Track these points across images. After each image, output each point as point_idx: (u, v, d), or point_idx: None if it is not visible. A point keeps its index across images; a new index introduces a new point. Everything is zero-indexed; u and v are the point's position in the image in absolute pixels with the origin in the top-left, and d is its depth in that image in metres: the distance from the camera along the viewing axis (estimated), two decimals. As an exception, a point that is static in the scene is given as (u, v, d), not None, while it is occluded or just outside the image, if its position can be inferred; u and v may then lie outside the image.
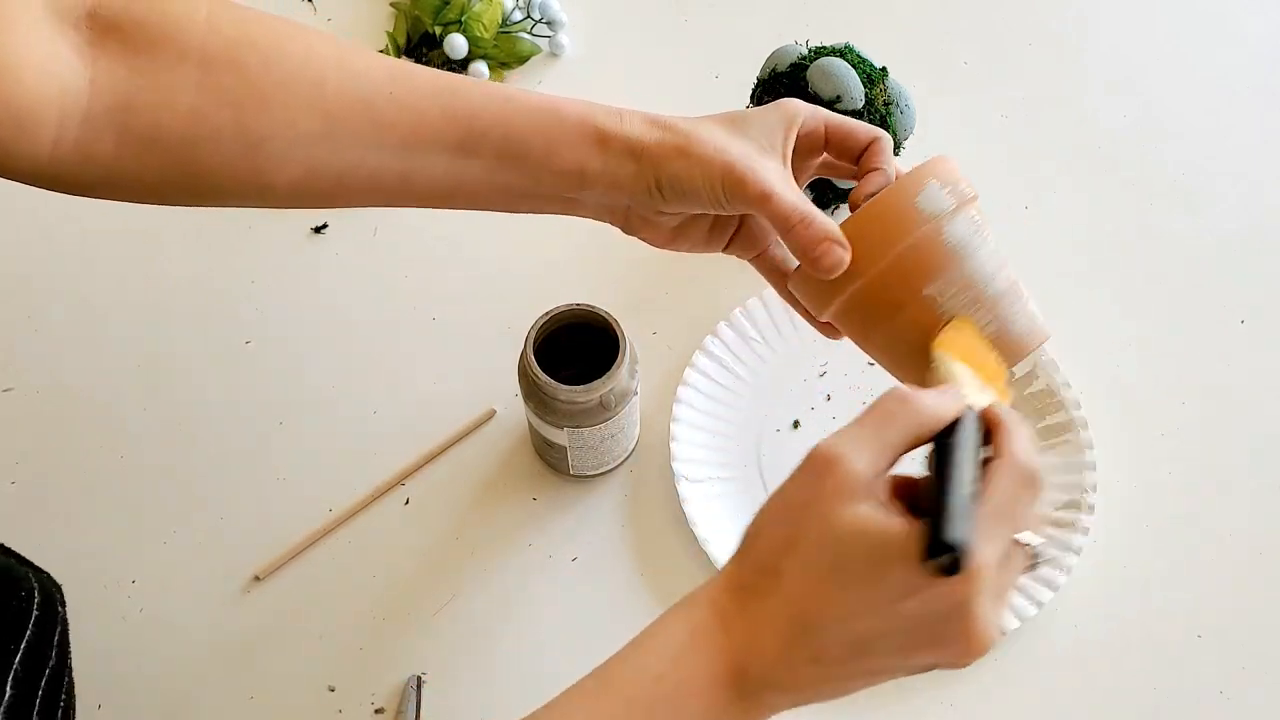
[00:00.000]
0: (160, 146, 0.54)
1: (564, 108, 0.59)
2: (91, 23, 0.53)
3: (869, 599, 0.44)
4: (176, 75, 0.54)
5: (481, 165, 0.58)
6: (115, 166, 0.54)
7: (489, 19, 0.93)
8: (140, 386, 0.82)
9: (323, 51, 0.57)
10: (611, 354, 0.69)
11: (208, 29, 0.55)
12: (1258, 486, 0.79)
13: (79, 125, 0.52)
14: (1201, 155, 0.92)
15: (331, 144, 0.56)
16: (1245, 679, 0.72)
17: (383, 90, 0.57)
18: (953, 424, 0.46)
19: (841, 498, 0.45)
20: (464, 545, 0.76)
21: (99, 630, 0.72)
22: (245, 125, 0.55)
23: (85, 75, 0.52)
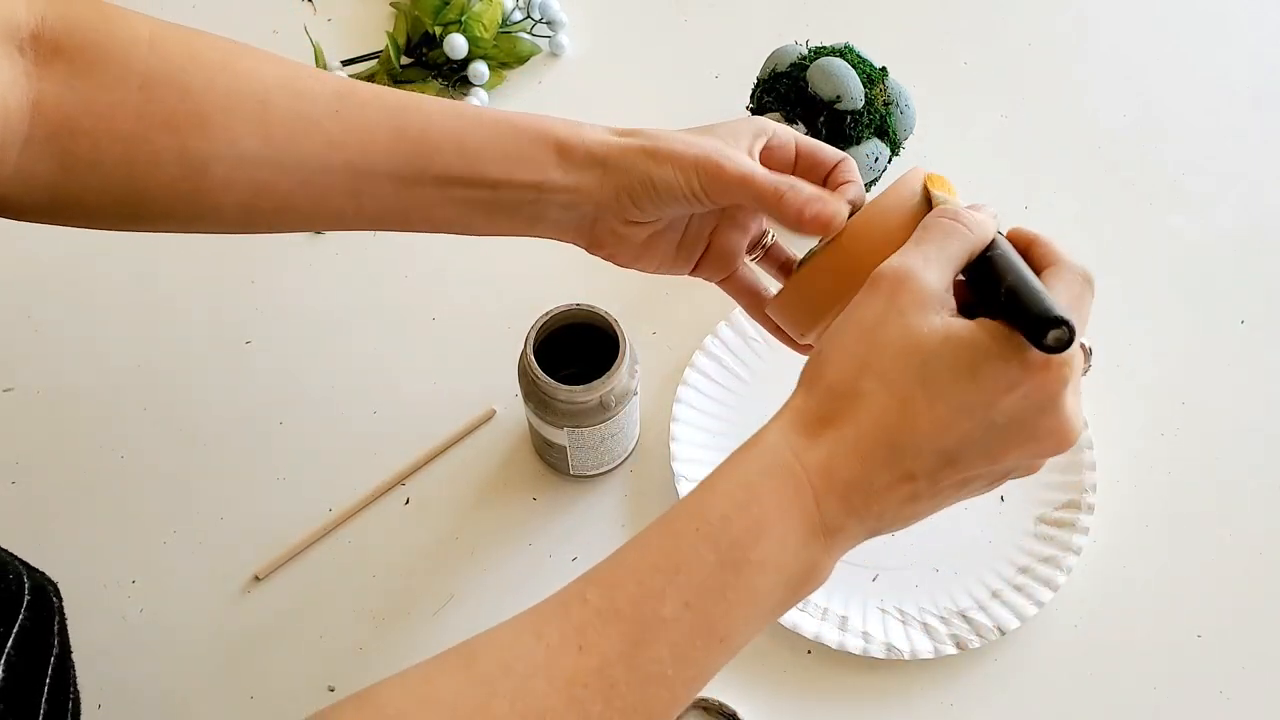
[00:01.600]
0: (102, 170, 0.53)
1: (519, 121, 0.57)
2: (35, 44, 0.52)
3: (964, 405, 0.43)
4: (118, 98, 0.53)
5: (434, 184, 0.57)
6: (57, 191, 0.53)
7: (489, 19, 0.93)
8: (140, 386, 0.82)
9: (268, 71, 0.56)
10: (611, 354, 0.70)
11: (150, 51, 0.54)
12: (1258, 486, 0.79)
13: (19, 149, 0.51)
14: (1201, 155, 0.92)
15: (277, 166, 0.55)
16: (1245, 679, 0.72)
17: (329, 109, 0.55)
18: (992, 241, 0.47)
19: (920, 310, 0.44)
20: (464, 545, 0.76)
21: (99, 630, 0.72)
22: (187, 148, 0.54)
23: (28, 98, 0.52)
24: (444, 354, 0.83)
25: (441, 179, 0.57)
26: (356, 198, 0.56)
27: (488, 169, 0.56)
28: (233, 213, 0.56)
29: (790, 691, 0.71)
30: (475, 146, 0.56)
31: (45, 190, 0.53)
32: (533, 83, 0.96)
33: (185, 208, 0.55)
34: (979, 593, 0.73)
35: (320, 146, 0.55)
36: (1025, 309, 0.43)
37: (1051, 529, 0.75)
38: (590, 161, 0.57)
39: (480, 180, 0.57)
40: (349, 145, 0.55)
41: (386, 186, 0.56)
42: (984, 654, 0.72)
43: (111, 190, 0.54)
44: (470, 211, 0.58)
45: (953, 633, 0.71)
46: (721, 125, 0.58)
